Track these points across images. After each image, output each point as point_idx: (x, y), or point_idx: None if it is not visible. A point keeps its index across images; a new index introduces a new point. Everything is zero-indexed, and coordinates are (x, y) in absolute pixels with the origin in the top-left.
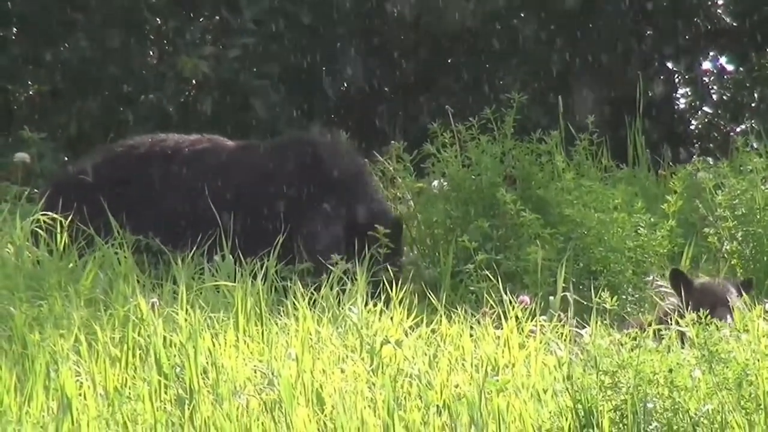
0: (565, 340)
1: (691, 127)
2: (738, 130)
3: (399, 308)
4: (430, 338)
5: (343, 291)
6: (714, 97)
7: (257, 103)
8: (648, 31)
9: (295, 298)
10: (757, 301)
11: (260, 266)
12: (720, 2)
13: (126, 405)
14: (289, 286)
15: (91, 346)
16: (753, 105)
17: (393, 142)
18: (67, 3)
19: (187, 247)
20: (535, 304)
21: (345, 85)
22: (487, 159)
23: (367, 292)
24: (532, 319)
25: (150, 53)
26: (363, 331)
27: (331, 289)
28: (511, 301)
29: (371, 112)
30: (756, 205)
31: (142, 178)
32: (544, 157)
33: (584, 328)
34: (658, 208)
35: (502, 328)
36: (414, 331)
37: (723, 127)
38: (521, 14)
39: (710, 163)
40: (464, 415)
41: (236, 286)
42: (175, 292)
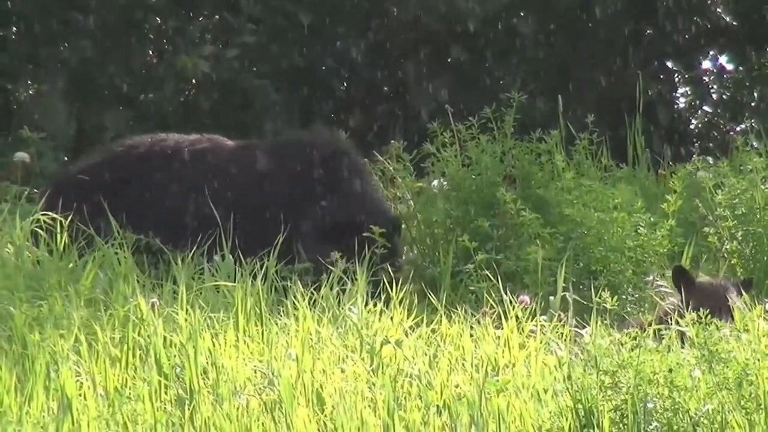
0: (566, 340)
1: (691, 127)
2: (738, 129)
3: (399, 308)
4: (430, 338)
5: (343, 291)
6: (714, 97)
7: (257, 103)
8: (648, 31)
9: (295, 298)
10: (757, 301)
11: (260, 266)
12: (720, 1)
13: (126, 405)
14: (289, 286)
15: (91, 346)
16: (753, 104)
17: (393, 141)
18: (67, 3)
19: (187, 247)
20: (535, 304)
21: (345, 84)
22: (486, 158)
23: (367, 292)
24: (533, 319)
25: (150, 53)
26: (363, 331)
27: (331, 289)
28: (511, 301)
29: (371, 112)
30: (756, 204)
31: (141, 178)
32: (544, 157)
33: (584, 328)
34: (658, 208)
35: (503, 328)
36: (414, 331)
37: (723, 127)
38: (521, 13)
39: (710, 162)
40: (464, 415)
41: (236, 286)
42: (175, 292)
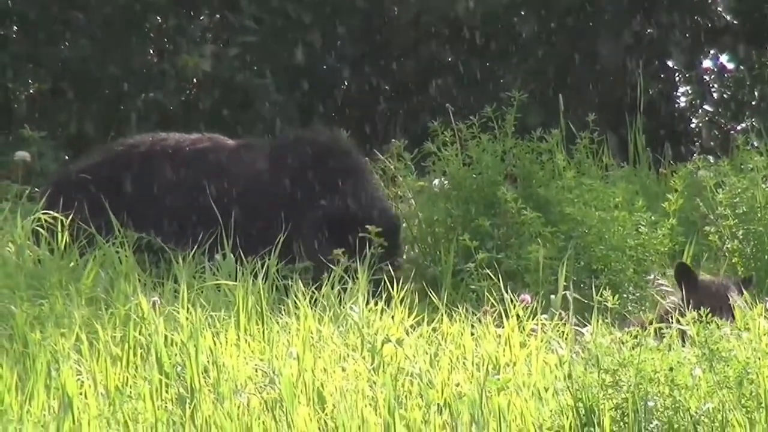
0: (566, 339)
1: (692, 126)
2: (738, 128)
3: (400, 307)
4: (431, 337)
5: (344, 290)
6: (714, 96)
7: (257, 102)
8: (648, 30)
9: (296, 297)
10: (758, 300)
11: (261, 265)
12: (720, 0)
13: (127, 404)
14: (290, 285)
15: (92, 344)
16: (753, 103)
17: (393, 140)
18: (68, 2)
19: (188, 245)
20: (536, 303)
21: (346, 83)
22: (487, 157)
23: (368, 291)
24: (533, 318)
25: (150, 51)
26: (364, 329)
27: (332, 288)
28: (512, 300)
29: (372, 111)
30: (757, 203)
31: (142, 177)
32: (545, 156)
33: (585, 326)
34: (658, 207)
35: (503, 327)
36: (415, 330)
37: (723, 126)
38: (521, 12)
39: (711, 161)
40: (465, 414)
41: (237, 285)
42: (176, 291)
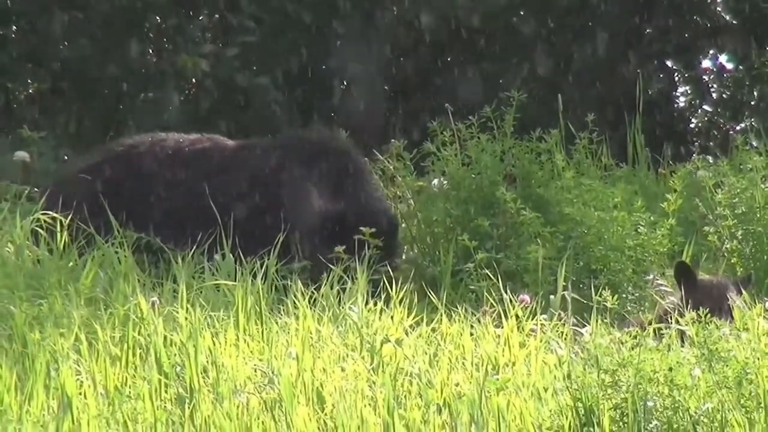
0: (566, 339)
1: (691, 126)
2: (738, 128)
3: (399, 307)
4: (431, 337)
5: (343, 290)
6: (714, 96)
7: (257, 102)
8: (647, 29)
9: (295, 297)
10: (757, 300)
11: (260, 265)
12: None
13: (126, 404)
14: (290, 285)
15: (91, 345)
16: (753, 103)
17: (393, 140)
18: (67, 1)
19: (187, 246)
20: (535, 303)
21: (345, 83)
22: (486, 158)
23: (367, 291)
24: (533, 318)
25: (149, 51)
26: (363, 329)
27: (331, 288)
28: (511, 300)
29: (371, 111)
30: (756, 203)
31: (142, 177)
32: (544, 156)
33: (584, 326)
34: (657, 207)
35: (503, 327)
36: (414, 330)
37: (723, 126)
38: (521, 12)
39: (710, 161)
40: (464, 414)
41: (236, 285)
42: (175, 291)
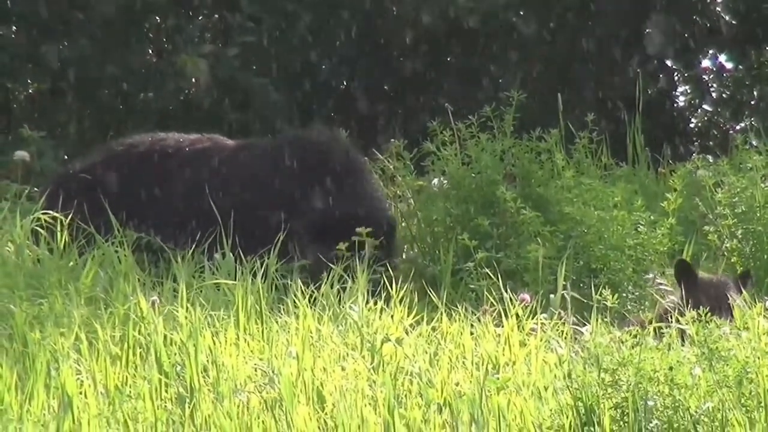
0: (566, 338)
1: (691, 125)
2: (737, 127)
3: (399, 306)
4: (431, 336)
5: (344, 289)
6: (713, 95)
7: (257, 102)
8: (647, 29)
9: (295, 296)
10: (758, 299)
11: (260, 264)
12: (719, 0)
13: (126, 403)
14: (290, 284)
15: (91, 344)
16: (752, 103)
17: (393, 140)
18: (67, 1)
19: (187, 245)
20: (535, 302)
21: (344, 83)
22: (486, 157)
23: (368, 290)
24: (533, 317)
25: (149, 51)
26: (363, 329)
27: (332, 287)
28: (511, 299)
29: (371, 110)
30: (756, 202)
31: (142, 177)
32: (544, 155)
33: (585, 326)
34: (657, 206)
35: (503, 326)
36: (414, 329)
37: (722, 125)
38: (521, 12)
39: (710, 160)
40: (465, 413)
41: (236, 285)
42: (175, 291)
